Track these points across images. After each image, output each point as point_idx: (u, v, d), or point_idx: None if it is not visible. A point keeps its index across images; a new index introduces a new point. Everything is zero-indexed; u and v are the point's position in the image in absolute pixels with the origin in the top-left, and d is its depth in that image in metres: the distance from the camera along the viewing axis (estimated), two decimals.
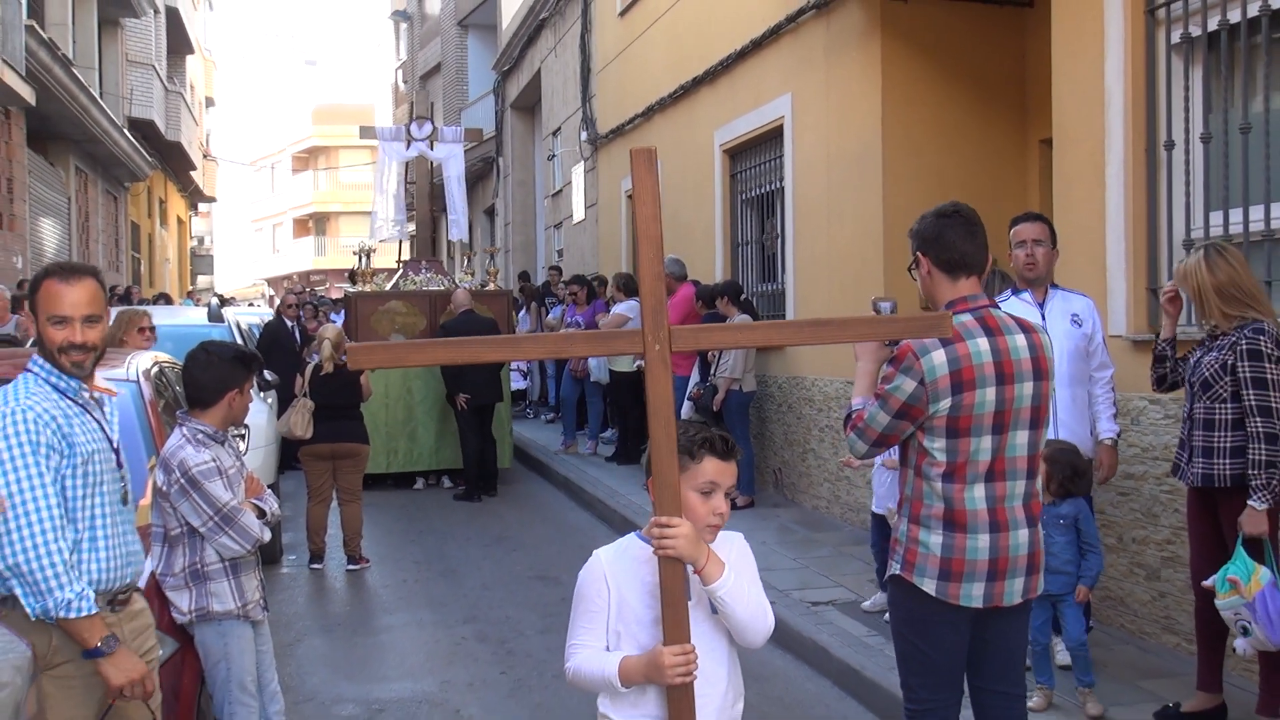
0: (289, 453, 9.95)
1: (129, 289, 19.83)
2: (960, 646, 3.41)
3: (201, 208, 43.05)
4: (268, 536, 4.13)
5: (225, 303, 19.35)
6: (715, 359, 9.54)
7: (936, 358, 3.25)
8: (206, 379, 4.11)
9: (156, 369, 5.31)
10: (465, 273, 13.46)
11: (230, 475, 4.05)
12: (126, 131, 22.10)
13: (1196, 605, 4.73)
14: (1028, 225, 5.24)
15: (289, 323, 13.14)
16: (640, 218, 2.47)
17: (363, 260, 12.63)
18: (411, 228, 14.73)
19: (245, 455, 4.67)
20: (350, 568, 8.27)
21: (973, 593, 3.29)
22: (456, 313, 11.18)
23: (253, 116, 69.84)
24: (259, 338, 12.64)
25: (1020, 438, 3.33)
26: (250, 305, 31.67)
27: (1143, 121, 5.76)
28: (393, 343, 7.54)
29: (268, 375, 9.17)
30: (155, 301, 19.25)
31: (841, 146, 8.78)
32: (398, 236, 13.94)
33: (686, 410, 9.37)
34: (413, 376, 11.34)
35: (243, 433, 7.65)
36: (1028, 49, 8.16)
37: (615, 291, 12.19)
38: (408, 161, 13.88)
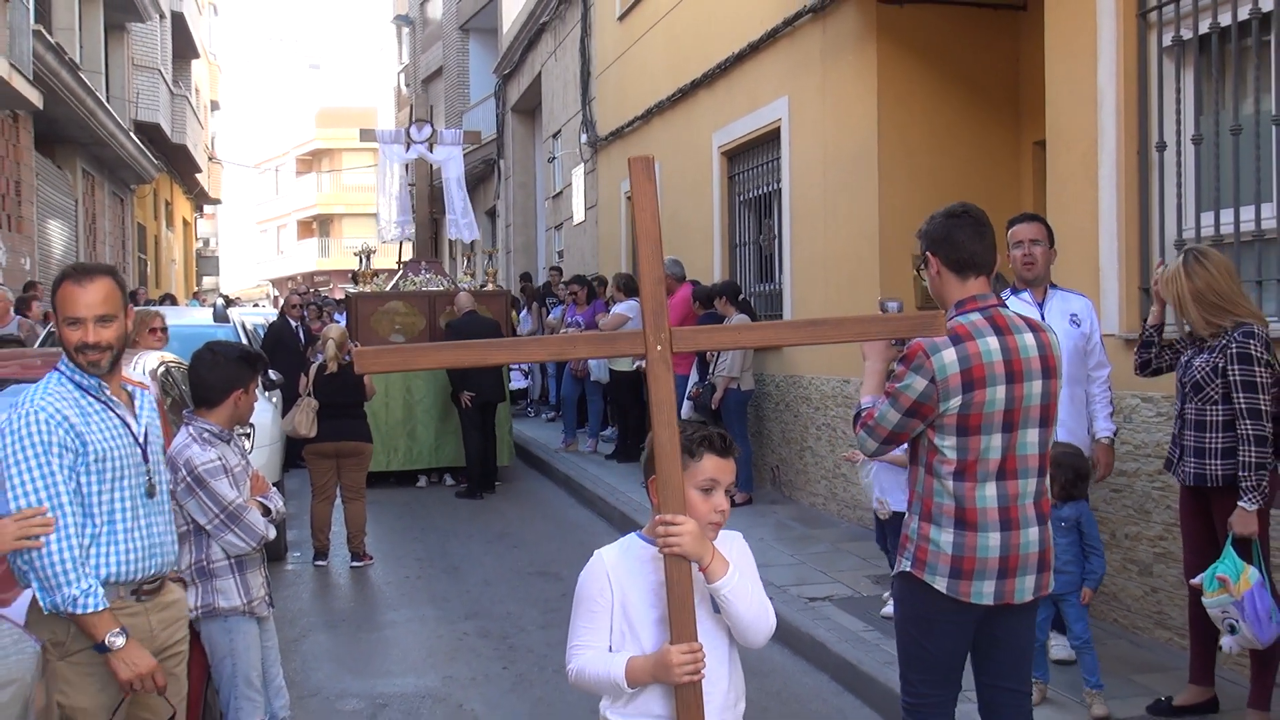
0: (293, 451, 9.95)
1: (135, 291, 19.81)
2: (964, 644, 3.41)
3: (207, 210, 43.00)
4: (273, 534, 4.13)
5: (230, 303, 19.31)
6: (714, 358, 9.54)
7: (947, 356, 3.23)
8: (212, 379, 4.10)
9: (163, 369, 5.30)
10: (465, 273, 13.46)
11: (236, 473, 4.05)
12: (133, 134, 22.08)
13: (1190, 600, 4.73)
14: (1025, 226, 5.23)
15: (293, 323, 13.13)
16: (640, 223, 2.46)
17: (363, 261, 12.64)
18: (413, 228, 14.72)
19: (250, 454, 4.66)
20: (354, 564, 8.27)
21: (983, 590, 3.28)
22: (460, 314, 11.21)
23: (257, 119, 69.79)
24: (263, 338, 12.63)
25: (1030, 436, 3.31)
26: (255, 306, 31.63)
27: (1135, 123, 5.76)
28: (401, 346, 7.49)
29: (272, 375, 9.16)
30: (161, 302, 19.23)
31: (838, 148, 8.78)
32: (401, 238, 13.92)
33: (686, 409, 9.37)
34: (412, 376, 11.33)
35: (248, 431, 7.64)
36: (1021, 52, 8.15)
37: (615, 291, 12.19)
38: (408, 164, 13.88)
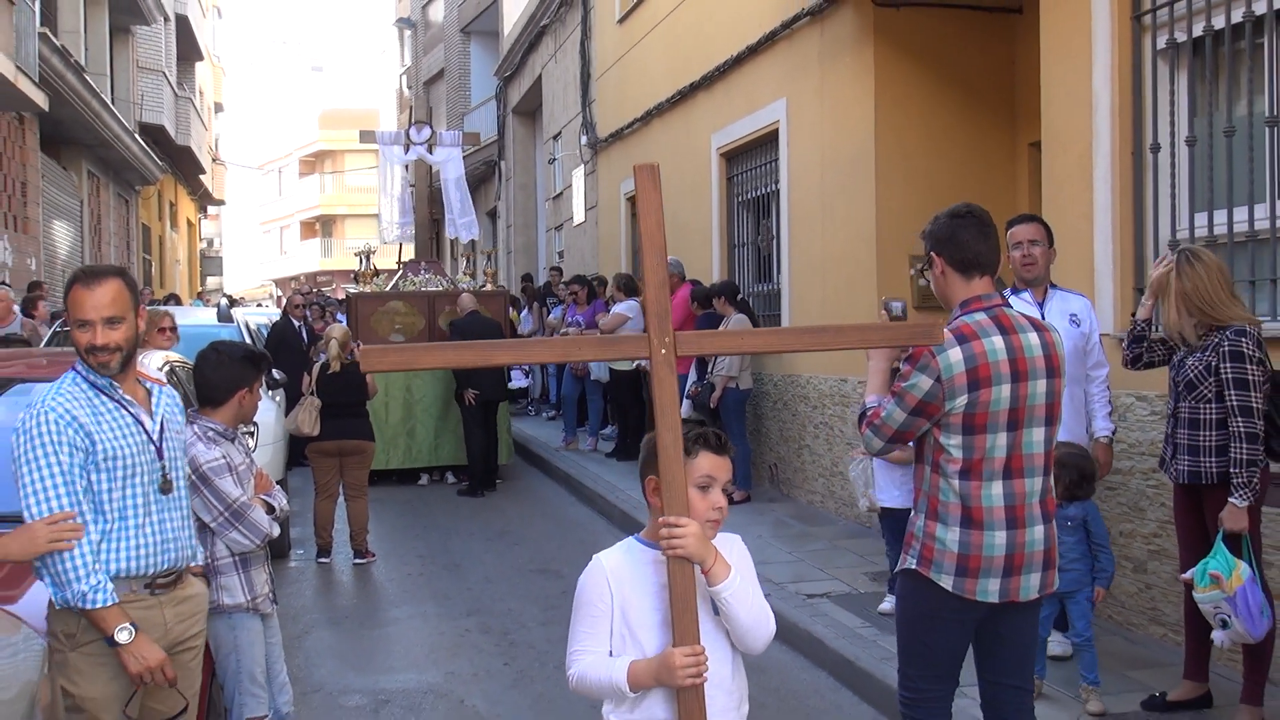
0: (297, 449, 9.95)
1: (141, 291, 19.79)
2: (965, 641, 3.40)
3: (211, 210, 43.01)
4: (276, 531, 4.12)
5: (234, 303, 19.28)
6: (712, 358, 9.54)
7: (953, 355, 3.22)
8: (217, 378, 4.10)
9: (167, 368, 5.31)
10: (465, 273, 13.46)
11: (240, 472, 4.05)
12: (137, 136, 22.08)
13: (1185, 597, 4.73)
14: (1024, 227, 5.22)
15: (296, 322, 13.13)
16: (645, 229, 2.45)
17: (363, 262, 12.65)
18: (412, 229, 14.73)
19: (254, 452, 4.66)
20: (357, 562, 8.27)
21: (989, 588, 3.27)
22: (463, 314, 11.23)
23: (260, 121, 69.74)
24: (267, 337, 12.62)
25: (1036, 434, 3.31)
26: (258, 306, 31.63)
27: (1129, 125, 5.76)
28: (407, 345, 7.55)
29: (276, 374, 9.16)
30: (166, 302, 19.19)
31: (835, 150, 8.78)
32: (402, 239, 13.92)
33: (685, 408, 9.37)
34: (412, 376, 11.33)
35: (252, 430, 7.61)
36: (1017, 55, 8.15)
37: (615, 291, 12.20)
38: (408, 165, 13.87)
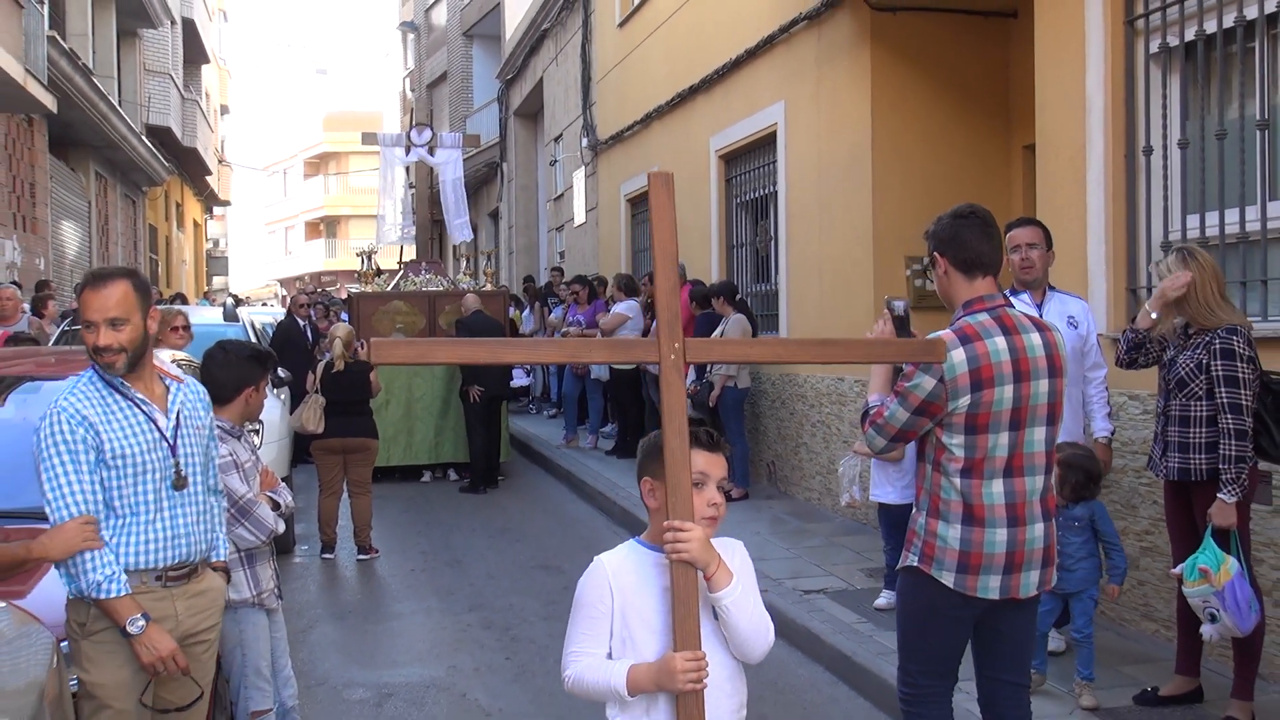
0: (301, 447, 9.94)
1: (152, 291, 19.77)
2: (965, 638, 3.40)
3: (217, 211, 42.98)
4: (281, 528, 4.13)
5: (240, 303, 19.30)
6: None
7: (956, 356, 3.22)
8: (224, 376, 4.10)
9: (174, 367, 5.30)
10: (465, 274, 13.45)
11: (246, 469, 4.05)
12: (144, 138, 22.07)
13: (1177, 593, 4.73)
14: (1022, 230, 5.20)
15: (301, 322, 13.12)
16: (658, 236, 2.42)
17: (365, 262, 12.65)
18: (413, 229, 14.73)
19: (260, 449, 4.67)
20: (360, 558, 8.27)
21: (989, 585, 3.27)
22: (467, 313, 11.24)
23: (266, 123, 69.79)
24: (272, 336, 12.62)
25: (1037, 434, 3.30)
26: (264, 305, 31.64)
27: (1122, 128, 5.76)
28: (418, 339, 7.54)
29: (281, 372, 9.17)
30: (172, 301, 19.21)
31: (832, 152, 8.78)
32: (403, 240, 13.91)
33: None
34: (414, 375, 11.34)
35: (257, 428, 7.63)
36: (1011, 58, 8.15)
37: (615, 291, 12.21)
38: (409, 166, 13.87)
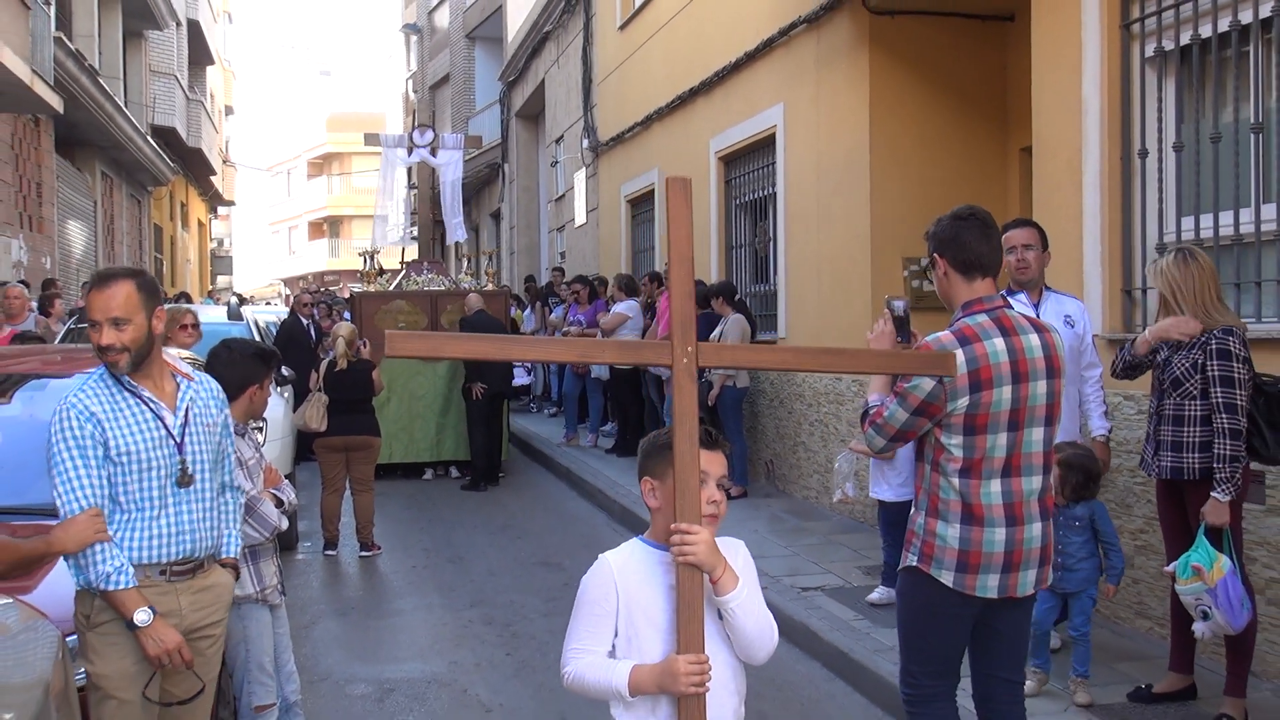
0: (304, 444, 9.94)
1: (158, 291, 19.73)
2: (965, 636, 3.39)
3: (221, 211, 42.97)
4: (285, 524, 4.13)
5: (244, 302, 19.32)
6: None
7: (955, 357, 3.21)
8: (229, 374, 4.09)
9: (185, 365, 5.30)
10: (467, 273, 13.45)
11: (250, 466, 4.05)
12: (150, 138, 22.07)
13: (1170, 591, 4.74)
14: (1018, 231, 5.18)
15: (304, 320, 13.12)
16: (674, 240, 2.42)
17: (368, 262, 12.64)
18: (415, 230, 14.71)
19: (264, 447, 4.66)
20: (363, 554, 8.27)
21: (988, 584, 3.26)
22: (470, 312, 11.24)
23: (270, 124, 69.62)
24: (276, 335, 12.62)
25: (1035, 434, 3.30)
26: (267, 304, 31.61)
27: (1118, 131, 5.76)
28: (432, 333, 7.56)
29: (284, 371, 9.17)
30: (176, 300, 19.22)
31: (831, 154, 8.78)
32: (402, 241, 13.90)
33: None
34: (415, 373, 11.35)
35: (261, 425, 7.62)
36: (1009, 62, 8.15)
37: (616, 291, 12.21)
38: (410, 168, 13.87)
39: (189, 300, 21.19)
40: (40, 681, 2.69)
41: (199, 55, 30.57)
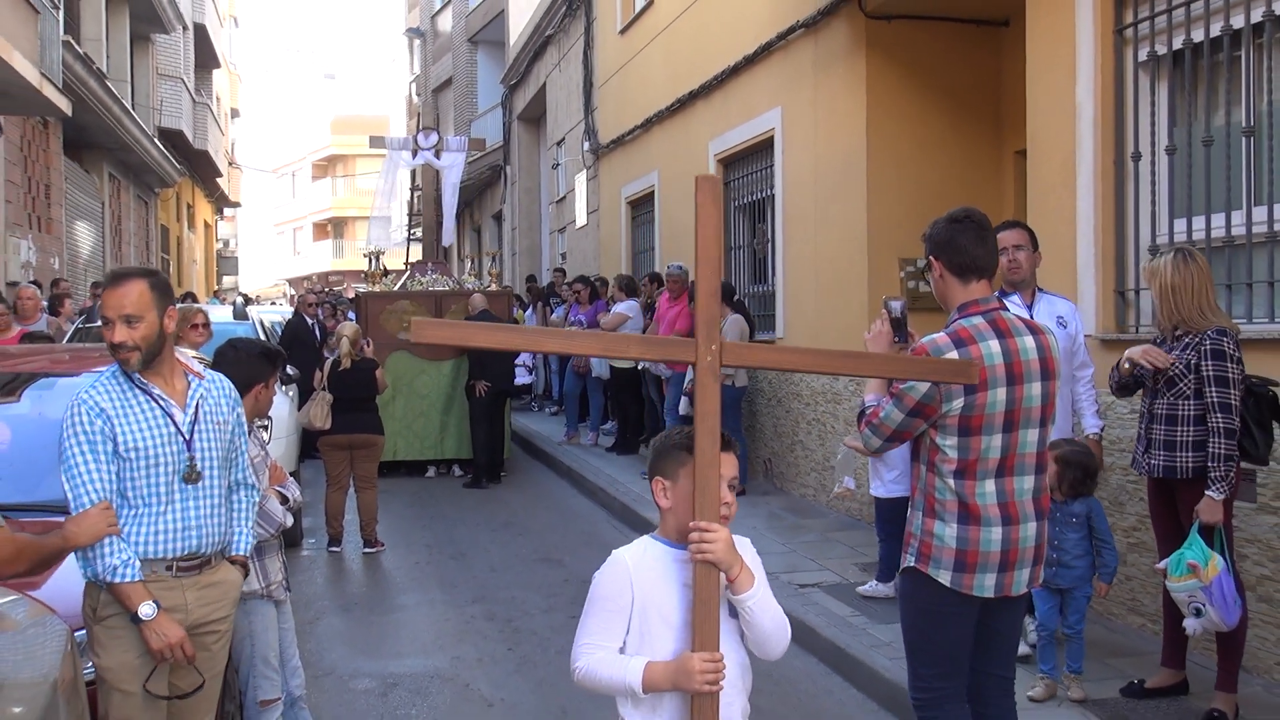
0: (309, 442, 9.95)
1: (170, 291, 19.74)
2: (969, 635, 3.37)
3: (227, 212, 42.95)
4: (290, 521, 4.13)
5: (249, 302, 19.30)
6: None
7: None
8: (234, 373, 4.08)
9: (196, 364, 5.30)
10: (470, 274, 13.45)
11: (255, 464, 4.04)
12: (157, 140, 22.06)
13: (1163, 588, 4.74)
14: (1008, 233, 5.18)
15: (309, 320, 13.13)
16: (701, 241, 2.40)
17: (373, 262, 12.64)
18: (418, 231, 14.71)
19: (269, 445, 4.66)
20: (366, 551, 8.27)
21: (985, 583, 3.26)
22: (475, 312, 11.25)
23: (275, 127, 69.52)
24: (281, 334, 12.62)
25: (1030, 435, 3.29)
26: (272, 304, 31.63)
27: (1111, 134, 5.76)
28: (458, 321, 7.56)
29: (289, 370, 9.16)
30: (182, 300, 19.22)
31: (828, 157, 8.78)
32: (401, 243, 13.89)
33: (683, 405, 9.37)
34: (420, 372, 11.35)
35: (266, 424, 7.61)
36: (1003, 66, 8.15)
37: (616, 291, 12.22)
38: (412, 170, 13.87)
39: (195, 300, 21.23)
40: (49, 676, 2.69)
41: (205, 59, 30.55)
